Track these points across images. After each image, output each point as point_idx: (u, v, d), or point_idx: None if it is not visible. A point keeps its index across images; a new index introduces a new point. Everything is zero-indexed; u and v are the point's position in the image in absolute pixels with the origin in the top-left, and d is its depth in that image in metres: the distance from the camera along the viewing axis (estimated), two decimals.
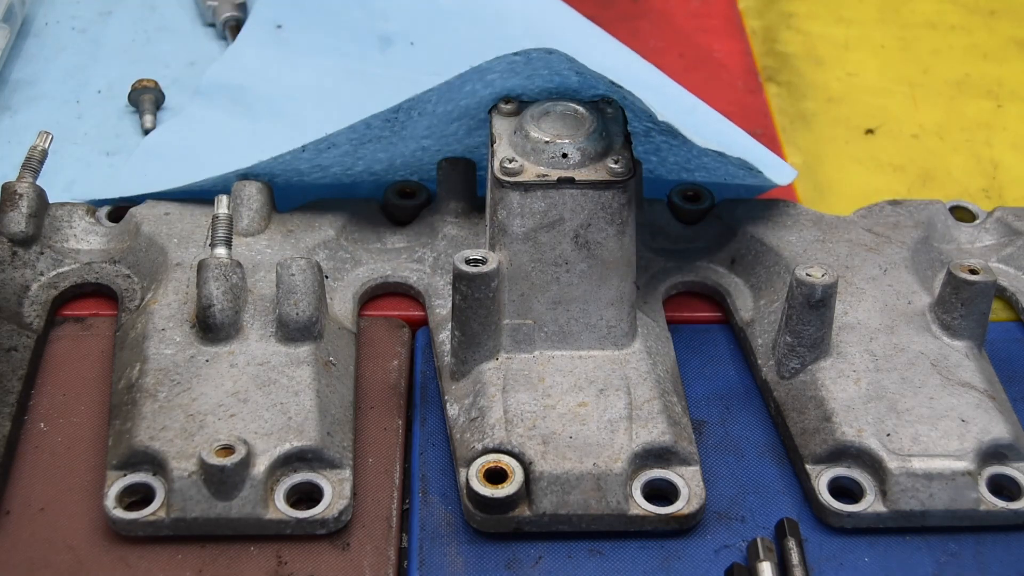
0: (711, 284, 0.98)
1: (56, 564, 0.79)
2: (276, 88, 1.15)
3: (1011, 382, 0.91)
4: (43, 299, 0.94)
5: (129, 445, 0.81)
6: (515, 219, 0.87)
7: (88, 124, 1.16)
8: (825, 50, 1.29)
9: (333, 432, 0.84)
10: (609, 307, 0.89)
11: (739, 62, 1.25)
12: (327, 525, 0.80)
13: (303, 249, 0.96)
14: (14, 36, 1.24)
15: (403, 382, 0.91)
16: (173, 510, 0.79)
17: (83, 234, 0.99)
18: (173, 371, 0.86)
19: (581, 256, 0.88)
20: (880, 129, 1.18)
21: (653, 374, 0.87)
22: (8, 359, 0.88)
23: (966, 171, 1.14)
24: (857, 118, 1.20)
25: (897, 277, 0.95)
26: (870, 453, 0.83)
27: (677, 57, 1.25)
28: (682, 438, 0.84)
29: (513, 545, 0.81)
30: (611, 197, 0.87)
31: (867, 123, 1.19)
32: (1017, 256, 1.01)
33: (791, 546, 0.79)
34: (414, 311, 0.97)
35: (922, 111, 1.20)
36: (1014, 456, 0.84)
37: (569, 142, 0.87)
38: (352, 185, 1.02)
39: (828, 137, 1.17)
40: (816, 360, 0.88)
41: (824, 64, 1.27)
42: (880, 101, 1.22)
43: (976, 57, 1.28)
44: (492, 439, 0.82)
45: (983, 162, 1.15)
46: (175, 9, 1.32)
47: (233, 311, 0.88)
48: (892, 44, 1.29)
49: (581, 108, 0.90)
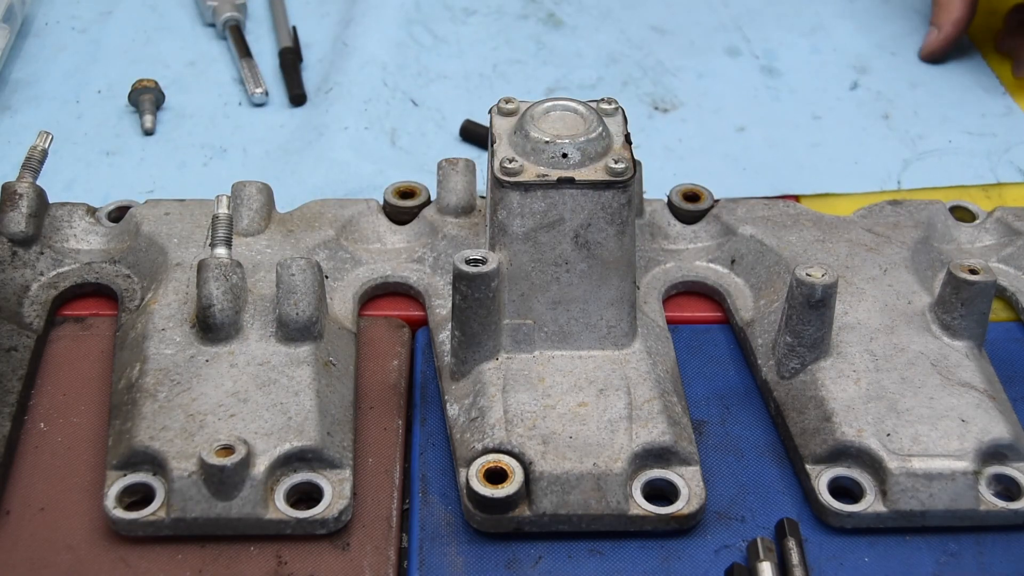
0: (711, 284, 0.98)
1: (56, 564, 0.79)
2: None
3: (1011, 382, 0.91)
4: (43, 299, 0.94)
5: (129, 445, 0.81)
6: (515, 219, 0.87)
7: (88, 124, 1.16)
8: None
9: (333, 432, 0.84)
10: (609, 307, 0.89)
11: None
12: (327, 525, 0.80)
13: (303, 249, 0.96)
14: (14, 36, 1.24)
15: (403, 382, 0.91)
16: (173, 510, 0.79)
17: (83, 234, 0.99)
18: (173, 371, 0.86)
19: (581, 256, 0.88)
20: None
21: (653, 374, 0.87)
22: (8, 359, 0.88)
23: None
24: None
25: (897, 277, 0.95)
26: (870, 453, 0.83)
27: None
28: (682, 438, 0.84)
29: (513, 545, 0.81)
30: (611, 197, 0.87)
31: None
32: (1017, 256, 1.01)
33: (791, 546, 0.79)
34: (414, 311, 0.97)
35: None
36: (1014, 456, 0.84)
37: (569, 142, 0.87)
38: None
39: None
40: (816, 360, 0.88)
41: None
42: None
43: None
44: (492, 439, 0.82)
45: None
46: (175, 9, 1.32)
47: (233, 311, 0.88)
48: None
49: (581, 108, 0.90)
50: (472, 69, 1.26)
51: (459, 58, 1.27)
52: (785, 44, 1.31)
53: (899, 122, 1.20)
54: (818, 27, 1.33)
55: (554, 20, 1.33)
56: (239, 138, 1.15)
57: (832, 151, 1.17)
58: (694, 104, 1.22)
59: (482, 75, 1.25)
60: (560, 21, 1.33)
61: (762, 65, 1.28)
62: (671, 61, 1.28)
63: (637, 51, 1.29)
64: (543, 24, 1.33)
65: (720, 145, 1.17)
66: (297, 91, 1.20)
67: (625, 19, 1.34)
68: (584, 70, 1.26)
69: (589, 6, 1.36)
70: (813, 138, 1.18)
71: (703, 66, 1.27)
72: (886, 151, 1.17)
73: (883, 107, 1.22)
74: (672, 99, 1.22)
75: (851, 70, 1.27)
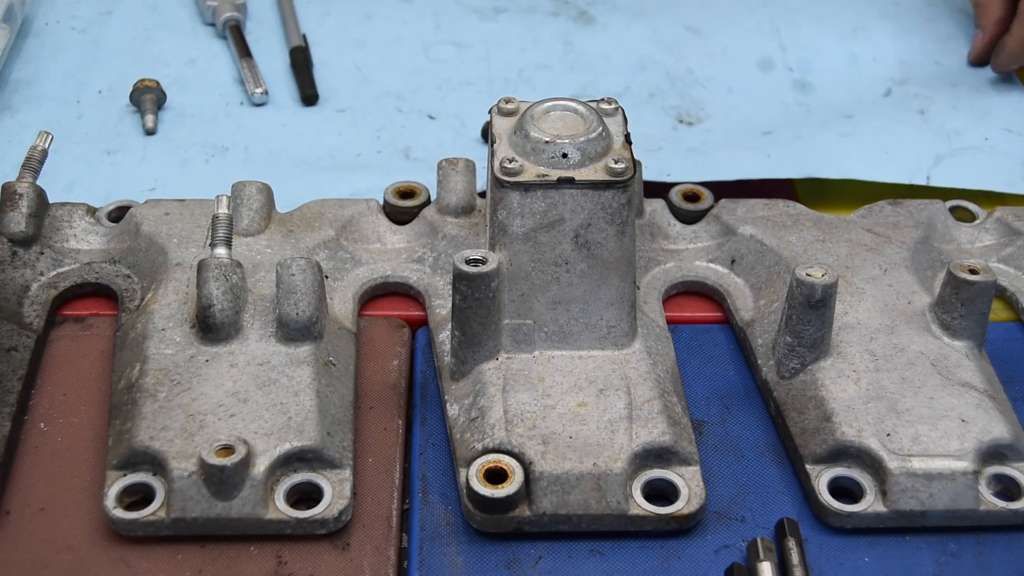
0: (711, 284, 0.98)
1: (56, 564, 0.79)
2: None
3: (1011, 382, 0.91)
4: (43, 299, 0.94)
5: (129, 445, 0.81)
6: (515, 219, 0.87)
7: (88, 124, 1.16)
8: None
9: (333, 432, 0.84)
10: (609, 307, 0.89)
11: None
12: (327, 525, 0.80)
13: (303, 249, 0.96)
14: (14, 36, 1.24)
15: (403, 382, 0.91)
16: (173, 510, 0.79)
17: (83, 234, 0.99)
18: (173, 371, 0.86)
19: (581, 256, 0.88)
20: None
21: (653, 374, 0.87)
22: (8, 359, 0.88)
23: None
24: None
25: (897, 277, 0.95)
26: (870, 453, 0.83)
27: None
28: (682, 438, 0.84)
29: (513, 545, 0.81)
30: (611, 197, 0.87)
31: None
32: (1017, 256, 1.01)
33: (791, 546, 0.79)
34: (414, 311, 0.97)
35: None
36: (1014, 456, 0.84)
37: (569, 142, 0.87)
38: None
39: None
40: (816, 360, 0.88)
41: None
42: None
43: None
44: (492, 439, 0.82)
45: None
46: (175, 9, 1.32)
47: (233, 311, 0.88)
48: None
49: (581, 108, 0.90)
50: (497, 74, 1.24)
51: (485, 61, 1.25)
52: (823, 54, 1.26)
53: (935, 116, 1.17)
54: (859, 28, 1.29)
55: (586, 18, 1.30)
56: (240, 138, 1.15)
57: (863, 140, 1.13)
58: (721, 117, 1.19)
59: (507, 80, 1.23)
60: (592, 19, 1.30)
61: (795, 79, 1.24)
62: (701, 70, 1.25)
63: (668, 55, 1.26)
64: (574, 22, 1.30)
65: (744, 154, 1.13)
66: (309, 91, 1.20)
67: (659, 18, 1.31)
68: (611, 77, 1.24)
69: (623, 4, 1.33)
70: (843, 129, 1.15)
71: (733, 79, 1.24)
72: (919, 144, 1.13)
73: (920, 104, 1.19)
74: (698, 112, 1.20)
75: (888, 81, 1.23)
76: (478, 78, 1.24)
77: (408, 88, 1.22)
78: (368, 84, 1.22)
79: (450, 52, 1.27)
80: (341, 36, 1.29)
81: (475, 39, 1.28)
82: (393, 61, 1.26)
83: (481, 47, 1.27)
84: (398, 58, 1.26)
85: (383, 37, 1.29)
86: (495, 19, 1.31)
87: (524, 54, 1.27)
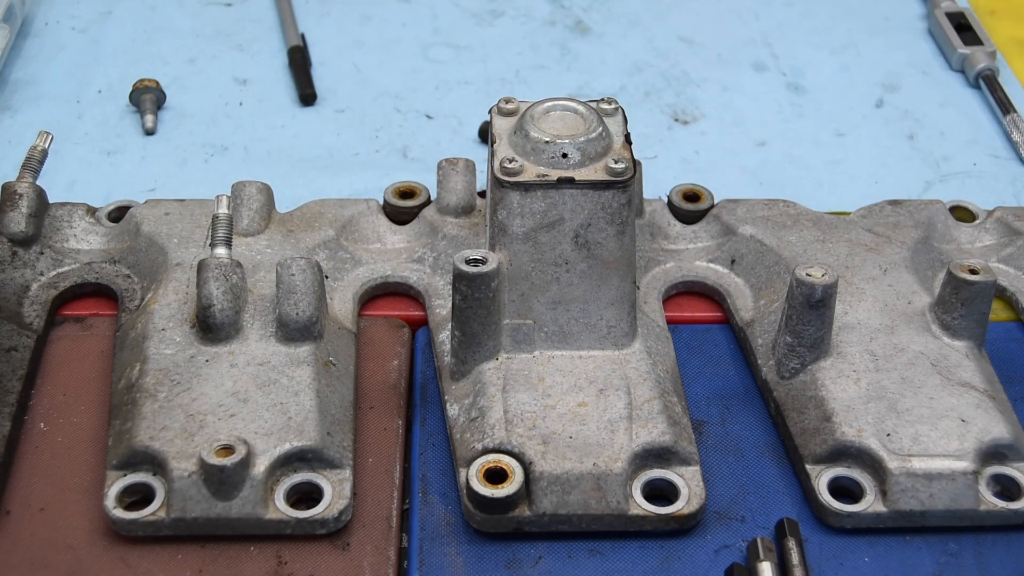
0: (711, 284, 0.98)
1: (56, 564, 0.79)
2: None
3: (1011, 382, 0.91)
4: (43, 299, 0.94)
5: (129, 445, 0.81)
6: (515, 219, 0.87)
7: (88, 124, 1.16)
8: None
9: (333, 432, 0.84)
10: (609, 307, 0.89)
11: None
12: (327, 525, 0.80)
13: (303, 249, 0.96)
14: (14, 36, 1.24)
15: (403, 382, 0.91)
16: (173, 510, 0.79)
17: (83, 234, 0.99)
18: (173, 371, 0.86)
19: (581, 256, 0.88)
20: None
21: (653, 374, 0.87)
22: (8, 359, 0.88)
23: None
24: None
25: (897, 277, 0.95)
26: (870, 453, 0.83)
27: None
28: (682, 438, 0.84)
29: (513, 545, 0.81)
30: (611, 197, 0.87)
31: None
32: (1017, 256, 1.01)
33: (791, 546, 0.79)
34: (414, 311, 0.97)
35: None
36: (1014, 456, 0.84)
37: (569, 142, 0.87)
38: None
39: None
40: (816, 360, 0.88)
41: None
42: None
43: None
44: (492, 439, 0.82)
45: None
46: (175, 9, 1.32)
47: (233, 311, 0.88)
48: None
49: (581, 108, 0.90)
50: (494, 74, 1.25)
51: (482, 62, 1.27)
52: (814, 63, 1.28)
53: (924, 143, 1.18)
54: (849, 44, 1.31)
55: (582, 27, 1.32)
56: (240, 137, 1.15)
57: (853, 169, 1.15)
58: (715, 117, 1.21)
59: (504, 80, 1.24)
60: (587, 28, 1.32)
61: (788, 82, 1.26)
62: (696, 72, 1.26)
63: (663, 60, 1.28)
64: (570, 31, 1.32)
65: (738, 159, 1.15)
66: (307, 90, 1.20)
67: (654, 28, 1.33)
68: (607, 78, 1.25)
69: (618, 14, 1.35)
70: (835, 155, 1.16)
71: (728, 79, 1.26)
72: (908, 171, 1.14)
73: (909, 126, 1.20)
74: (693, 111, 1.21)
75: (879, 88, 1.25)
76: (475, 78, 1.25)
77: (406, 88, 1.23)
78: (366, 84, 1.23)
79: (448, 53, 1.28)
80: (339, 36, 1.30)
81: (472, 41, 1.30)
82: (391, 61, 1.27)
83: (478, 49, 1.28)
84: (396, 58, 1.27)
85: (381, 38, 1.30)
86: (492, 23, 1.32)
87: (521, 57, 1.28)
